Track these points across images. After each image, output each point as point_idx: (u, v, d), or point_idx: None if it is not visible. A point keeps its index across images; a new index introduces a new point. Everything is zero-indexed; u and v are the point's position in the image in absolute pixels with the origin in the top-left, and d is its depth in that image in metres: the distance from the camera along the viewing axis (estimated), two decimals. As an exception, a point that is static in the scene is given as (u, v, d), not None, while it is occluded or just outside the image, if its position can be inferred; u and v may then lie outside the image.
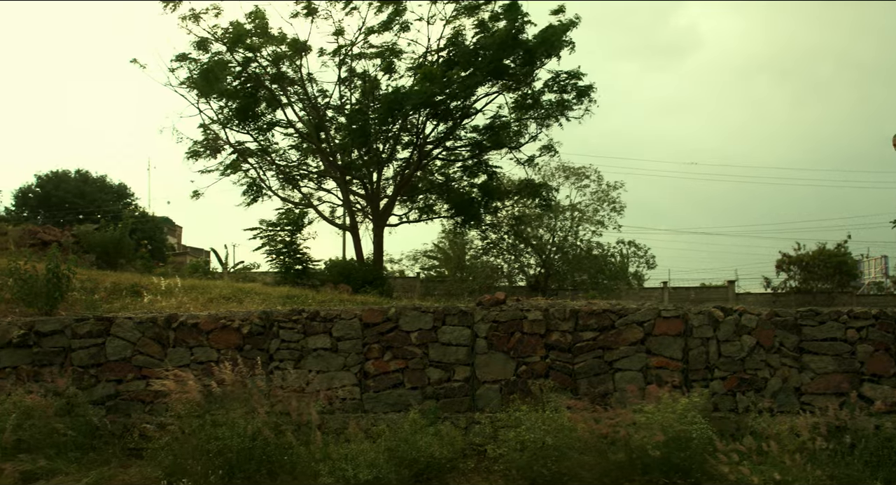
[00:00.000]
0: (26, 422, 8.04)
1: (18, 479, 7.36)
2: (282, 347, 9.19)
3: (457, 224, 27.80)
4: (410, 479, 7.39)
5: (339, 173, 25.06)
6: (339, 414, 8.78)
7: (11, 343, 9.37)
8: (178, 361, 9.09)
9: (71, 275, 11.06)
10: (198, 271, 19.93)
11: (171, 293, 12.51)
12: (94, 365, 9.32)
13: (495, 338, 8.95)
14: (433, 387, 8.92)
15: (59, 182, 36.46)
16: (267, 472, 7.25)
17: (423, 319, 9.07)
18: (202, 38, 24.31)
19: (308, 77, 25.04)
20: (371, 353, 9.08)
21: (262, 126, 25.56)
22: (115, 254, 17.53)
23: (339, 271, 21.44)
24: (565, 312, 8.93)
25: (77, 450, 8.22)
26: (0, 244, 16.54)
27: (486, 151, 25.64)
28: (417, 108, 23.01)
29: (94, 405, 8.97)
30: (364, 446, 7.63)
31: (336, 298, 14.50)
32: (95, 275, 13.82)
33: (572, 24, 23.43)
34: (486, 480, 7.47)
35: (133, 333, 9.35)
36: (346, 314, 9.23)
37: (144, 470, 7.73)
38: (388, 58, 24.44)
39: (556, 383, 8.56)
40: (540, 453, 7.12)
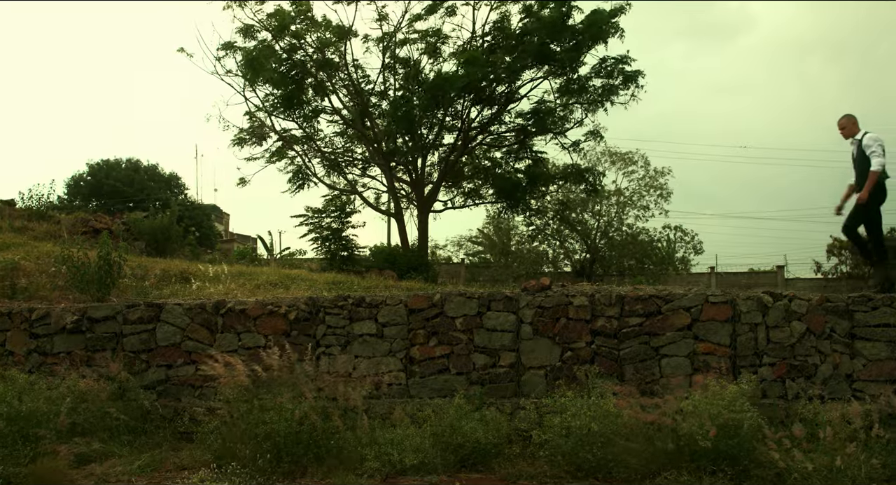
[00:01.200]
0: (80, 406, 8.20)
1: (73, 461, 7.52)
2: (328, 333, 9.26)
3: (502, 209, 27.74)
4: (456, 464, 7.41)
5: (383, 160, 25.12)
6: (385, 399, 8.83)
7: (65, 329, 9.57)
8: (227, 347, 9.21)
9: (122, 262, 11.26)
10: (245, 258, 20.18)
11: (218, 280, 12.68)
12: (145, 350, 9.48)
13: (540, 323, 8.92)
14: (478, 372, 8.93)
15: (109, 171, 37.06)
16: (314, 456, 7.32)
17: (468, 305, 9.07)
18: (247, 25, 24.49)
19: (353, 63, 25.10)
20: (416, 338, 9.11)
21: (307, 113, 25.71)
22: (164, 241, 17.81)
23: (384, 257, 21.56)
24: (611, 298, 8.87)
25: (129, 433, 8.37)
26: (53, 232, 16.89)
27: (530, 136, 25.53)
28: (462, 93, 22.96)
29: (146, 390, 9.12)
30: (410, 431, 7.66)
31: (381, 284, 14.58)
32: (145, 262, 14.05)
33: (621, 11, 23.09)
34: (531, 465, 7.46)
35: (182, 319, 9.49)
36: (392, 300, 9.26)
37: (195, 453, 7.85)
38: (433, 43, 24.38)
39: (602, 369, 8.50)
40: (586, 440, 7.09)
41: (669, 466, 6.86)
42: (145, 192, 35.19)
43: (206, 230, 26.78)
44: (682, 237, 37.11)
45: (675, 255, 36.44)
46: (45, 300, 10.73)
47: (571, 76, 24.12)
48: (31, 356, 9.57)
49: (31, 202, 20.83)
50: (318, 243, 21.76)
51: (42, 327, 9.64)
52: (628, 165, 34.49)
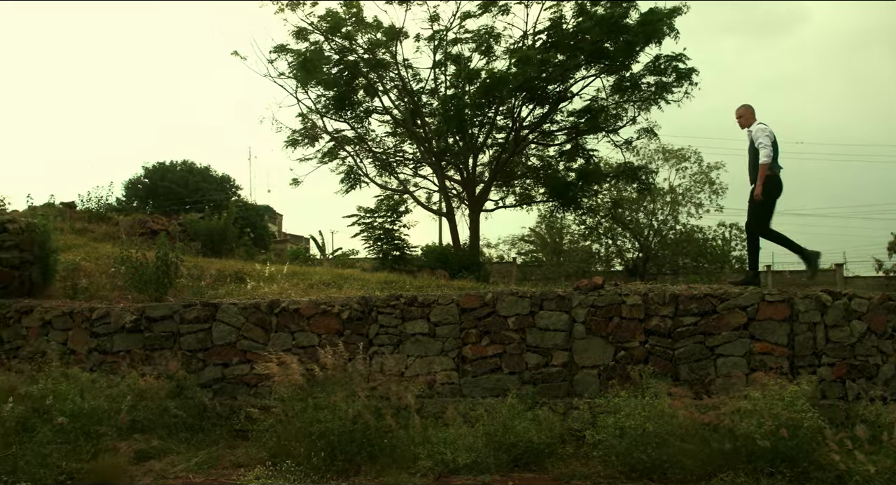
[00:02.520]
0: (140, 403, 8.35)
1: (133, 458, 7.65)
2: (380, 332, 9.30)
3: (554, 208, 27.61)
4: (509, 463, 7.39)
5: (434, 159, 25.18)
6: (438, 398, 8.85)
7: (125, 328, 9.76)
8: (281, 346, 9.30)
9: (179, 262, 11.43)
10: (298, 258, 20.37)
11: (273, 279, 12.81)
12: (202, 349, 9.62)
13: (593, 323, 8.86)
14: (531, 372, 8.90)
15: (164, 173, 37.71)
16: (367, 454, 7.36)
17: (520, 304, 9.04)
18: (299, 27, 24.72)
19: (404, 63, 25.20)
20: (468, 337, 9.11)
21: (358, 114, 25.89)
22: (219, 242, 18.04)
23: (435, 257, 21.59)
24: (665, 297, 8.77)
25: (187, 431, 8.50)
26: (112, 234, 17.21)
27: (582, 134, 25.37)
28: (514, 92, 22.89)
29: (202, 388, 9.25)
30: (462, 431, 7.66)
31: (433, 283, 14.59)
32: (201, 262, 14.24)
33: (678, 12, 22.81)
34: (585, 465, 7.41)
35: (237, 319, 9.61)
36: (444, 299, 9.27)
37: (250, 451, 7.94)
38: (486, 42, 24.35)
39: (656, 369, 8.41)
40: (640, 440, 7.02)
41: (726, 467, 6.76)
42: (199, 193, 35.73)
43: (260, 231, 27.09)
44: (737, 235, 36.57)
45: (730, 253, 35.93)
46: (105, 300, 10.93)
47: (624, 74, 23.92)
48: (92, 355, 9.77)
49: (90, 204, 21.32)
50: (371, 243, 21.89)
51: (102, 326, 9.84)
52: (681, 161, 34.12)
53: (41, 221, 11.68)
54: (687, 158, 34.26)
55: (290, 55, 24.94)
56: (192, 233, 18.09)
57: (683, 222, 34.10)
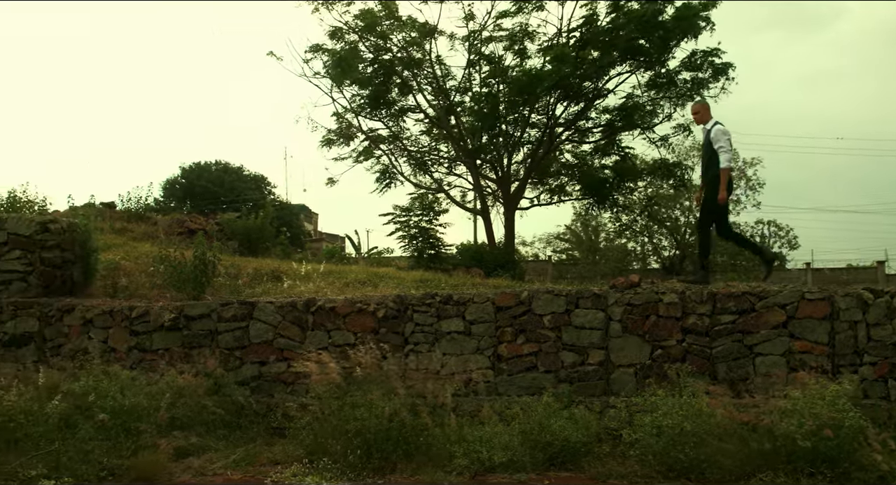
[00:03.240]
0: (179, 401, 8.44)
1: (172, 454, 7.74)
2: (416, 331, 9.33)
3: (589, 206, 27.48)
4: (544, 462, 7.37)
5: (469, 157, 25.17)
6: (473, 397, 8.85)
7: (163, 326, 9.88)
8: (317, 344, 9.35)
9: (216, 261, 11.53)
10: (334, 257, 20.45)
11: (309, 278, 12.88)
12: (239, 347, 9.71)
13: (630, 321, 8.80)
14: (567, 370, 8.87)
15: (200, 173, 38.08)
16: (403, 452, 7.38)
17: (555, 303, 9.01)
18: (335, 27, 24.84)
19: (437, 61, 25.22)
20: (504, 336, 9.10)
21: (393, 112, 25.96)
22: (256, 241, 18.18)
23: (470, 255, 21.59)
24: (702, 295, 8.69)
25: (225, 428, 8.58)
26: (151, 233, 17.40)
27: (618, 131, 25.22)
28: (549, 90, 22.81)
29: (240, 386, 9.34)
30: (498, 429, 7.65)
31: (468, 281, 14.59)
32: (238, 261, 14.36)
33: (712, 4, 22.59)
34: (621, 465, 7.36)
35: (274, 317, 9.68)
36: (479, 298, 9.27)
37: (287, 448, 8.00)
38: (520, 40, 24.29)
39: (694, 368, 8.33)
40: (677, 439, 6.96)
41: (765, 467, 6.68)
42: (235, 193, 36.03)
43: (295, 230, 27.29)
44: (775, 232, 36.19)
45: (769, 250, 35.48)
46: (145, 299, 11.07)
47: (660, 70, 23.75)
48: (131, 353, 9.90)
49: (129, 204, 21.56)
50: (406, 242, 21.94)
51: (142, 325, 9.97)
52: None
53: (82, 221, 11.84)
54: (723, 154, 33.93)
55: (326, 55, 25.08)
56: (229, 232, 18.24)
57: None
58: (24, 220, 11.06)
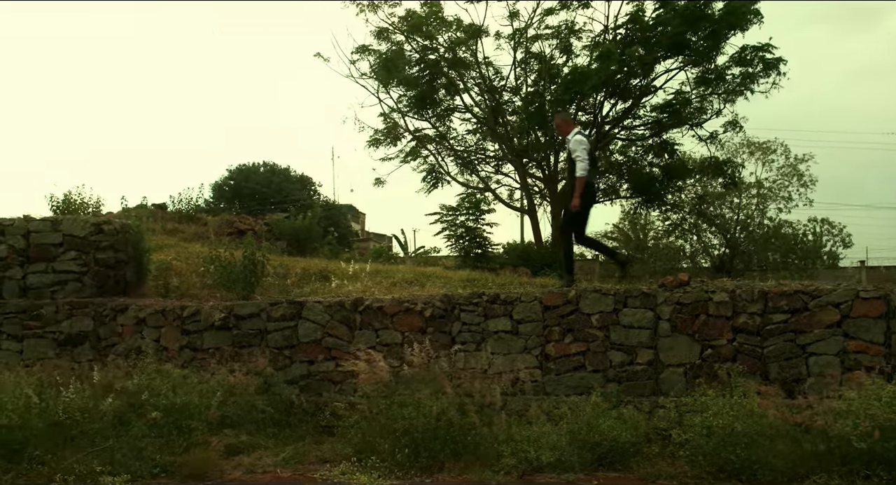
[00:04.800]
0: (229, 399, 8.55)
1: (223, 452, 7.85)
2: (463, 330, 9.33)
3: (637, 205, 27.25)
4: (593, 462, 7.32)
5: (516, 156, 25.12)
6: (521, 396, 8.82)
7: (214, 325, 10.00)
8: (365, 344, 9.40)
9: (265, 261, 11.63)
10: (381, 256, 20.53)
11: (356, 278, 12.94)
12: (288, 346, 9.79)
13: (679, 320, 8.71)
14: (615, 370, 8.80)
15: (248, 174, 38.52)
16: (451, 451, 7.39)
17: (603, 302, 8.95)
18: (380, 28, 24.95)
19: (484, 61, 25.21)
20: (551, 335, 9.06)
21: (440, 112, 26.00)
22: (304, 241, 18.31)
23: (517, 254, 21.50)
24: (753, 294, 8.56)
25: (274, 426, 8.66)
26: (201, 234, 17.63)
27: (666, 129, 24.95)
28: (596, 87, 22.65)
29: (289, 384, 9.43)
30: (546, 429, 7.62)
31: (515, 281, 14.53)
32: (287, 261, 14.48)
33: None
34: (671, 465, 7.29)
35: (322, 317, 9.75)
36: (526, 297, 9.24)
37: (336, 447, 8.05)
38: (566, 38, 24.17)
39: (745, 368, 8.21)
40: (728, 440, 6.87)
41: (818, 469, 6.57)
42: (282, 193, 36.36)
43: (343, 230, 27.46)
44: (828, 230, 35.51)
45: (821, 248, 34.87)
46: (195, 298, 11.21)
47: (708, 66, 23.44)
48: (183, 352, 10.05)
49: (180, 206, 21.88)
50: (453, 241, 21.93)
51: (193, 324, 10.11)
52: (767, 154, 33.26)
53: (135, 222, 12.05)
54: (773, 151, 33.38)
55: (372, 55, 25.22)
56: (277, 232, 18.40)
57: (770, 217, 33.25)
58: (78, 221, 11.28)
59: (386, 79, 25.19)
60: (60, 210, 14.88)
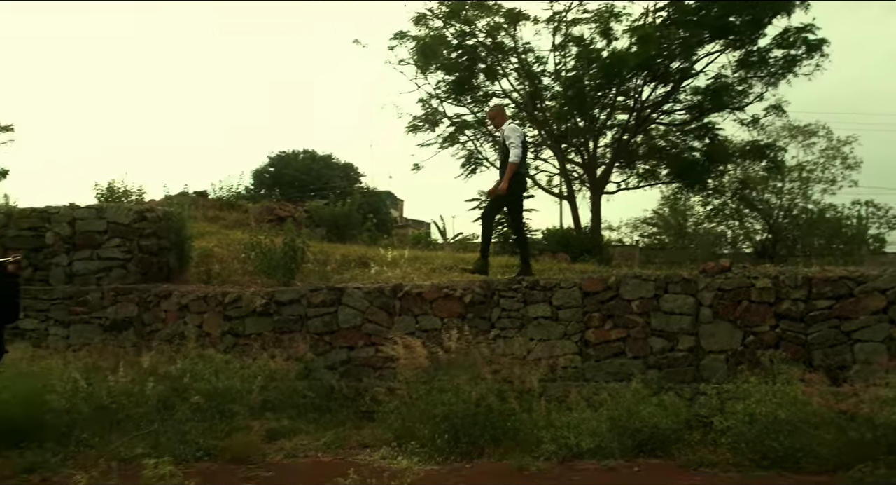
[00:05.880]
0: (270, 384, 8.65)
1: (265, 436, 7.94)
2: (502, 316, 9.32)
3: (677, 190, 26.98)
4: (633, 449, 7.28)
5: (555, 142, 24.98)
6: (560, 382, 8.80)
7: (255, 312, 10.10)
8: (404, 329, 9.42)
9: (305, 248, 11.71)
10: (419, 242, 20.58)
11: (395, 264, 12.98)
12: (328, 332, 9.86)
13: (721, 306, 8.61)
14: (655, 356, 8.74)
15: (288, 161, 38.80)
16: (490, 437, 7.40)
17: (644, 288, 8.89)
18: (419, 13, 24.91)
19: (523, 46, 25.07)
20: (591, 321, 9.02)
21: (478, 98, 25.90)
22: (343, 227, 18.40)
23: (556, 240, 21.45)
24: (797, 280, 8.44)
25: (315, 411, 8.74)
26: (242, 221, 17.79)
27: (707, 113, 24.63)
28: (636, 71, 22.42)
29: (329, 370, 9.50)
30: (586, 415, 7.59)
31: (555, 266, 14.48)
32: (326, 247, 14.56)
33: None
34: (712, 452, 7.22)
35: (362, 303, 9.80)
36: (566, 283, 9.20)
37: (376, 432, 8.10)
38: (605, 21, 23.93)
39: (788, 355, 8.10)
40: (771, 427, 6.78)
41: (864, 457, 6.46)
42: (322, 180, 36.57)
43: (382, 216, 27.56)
44: (874, 213, 34.83)
45: (867, 232, 34.24)
46: (237, 285, 11.32)
47: (750, 48, 23.07)
48: (225, 337, 10.17)
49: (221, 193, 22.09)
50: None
51: (234, 310, 10.22)
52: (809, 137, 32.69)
53: (177, 210, 12.20)
54: (815, 134, 32.78)
55: (410, 41, 25.19)
56: (317, 219, 18.51)
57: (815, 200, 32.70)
58: (122, 209, 11.45)
59: (424, 65, 25.16)
60: (105, 198, 15.13)
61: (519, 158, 9.70)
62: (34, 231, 11.37)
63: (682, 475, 6.77)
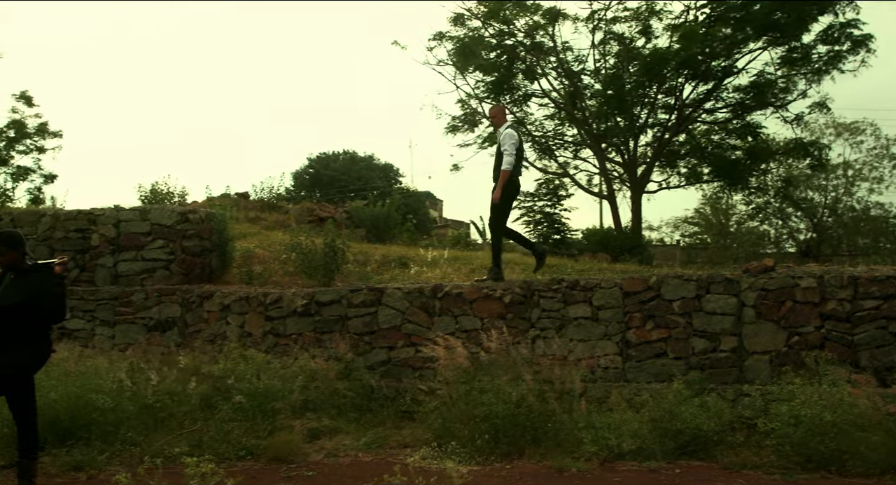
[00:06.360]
0: (311, 384, 8.70)
1: (305, 435, 7.99)
2: (542, 316, 9.28)
3: (719, 188, 26.69)
4: (675, 450, 7.21)
5: (595, 141, 24.86)
6: (601, 383, 8.74)
7: (296, 312, 10.16)
8: (444, 330, 9.42)
9: (345, 248, 11.77)
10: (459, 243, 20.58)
11: (435, 264, 13.00)
12: (368, 332, 9.89)
13: (764, 307, 8.50)
14: (697, 357, 8.65)
15: (328, 162, 39.05)
16: (531, 438, 7.37)
17: (685, 288, 8.80)
18: (457, 14, 24.93)
19: (562, 45, 24.98)
20: (632, 322, 8.95)
21: (517, 98, 25.87)
22: (383, 228, 18.46)
23: (597, 240, 21.37)
24: (842, 279, 8.29)
25: (355, 411, 8.77)
26: (282, 222, 17.93)
27: (749, 110, 24.33)
28: (678, 69, 22.21)
29: (369, 370, 9.51)
30: (627, 416, 7.54)
31: (595, 266, 14.43)
32: (366, 248, 14.63)
33: None
34: (756, 454, 7.14)
35: (402, 303, 9.81)
36: (606, 283, 9.14)
37: (416, 432, 8.11)
38: (645, 19, 23.76)
39: (833, 356, 7.96)
40: (817, 429, 6.68)
41: (914, 460, 6.35)
42: (362, 181, 36.74)
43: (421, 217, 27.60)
44: (921, 211, 34.08)
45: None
46: (278, 285, 11.41)
47: (794, 45, 22.73)
48: (266, 337, 10.24)
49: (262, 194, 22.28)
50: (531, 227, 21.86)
51: (275, 310, 10.29)
52: (855, 134, 32.14)
53: (219, 211, 12.33)
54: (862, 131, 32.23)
55: (449, 42, 25.22)
56: (357, 220, 18.59)
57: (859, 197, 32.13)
58: (166, 210, 11.59)
59: (463, 65, 25.18)
60: (148, 200, 15.32)
61: (511, 166, 9.74)
62: (80, 233, 11.57)
63: (725, 477, 6.70)
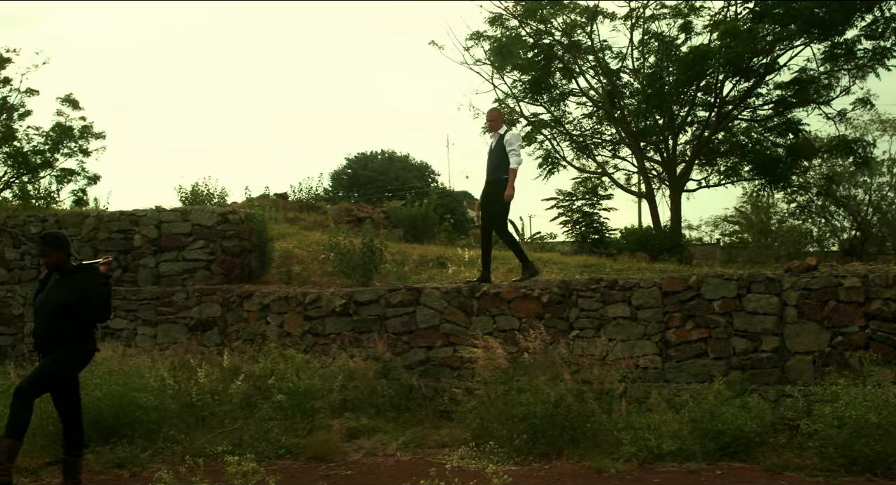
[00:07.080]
0: (349, 383, 8.75)
1: (344, 434, 8.03)
2: (581, 316, 9.24)
3: (760, 186, 26.32)
4: (715, 452, 7.13)
5: (633, 140, 24.67)
6: (640, 383, 8.68)
7: (334, 312, 10.22)
8: (482, 329, 9.41)
9: (383, 248, 11.83)
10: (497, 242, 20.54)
11: (473, 264, 13.00)
12: (406, 332, 9.91)
13: (806, 306, 8.38)
14: (738, 357, 8.55)
15: (365, 163, 39.27)
16: (569, 438, 7.34)
17: (726, 287, 8.70)
18: (495, 13, 24.89)
19: (600, 43, 24.83)
20: (672, 321, 8.87)
21: (555, 97, 25.75)
22: (421, 228, 18.50)
23: (635, 239, 21.22)
24: (888, 278, 8.15)
25: (393, 410, 8.79)
26: (321, 222, 18.05)
27: (791, 107, 23.96)
28: (718, 66, 21.94)
29: (407, 369, 9.54)
30: (667, 417, 7.48)
31: (633, 266, 14.33)
32: (404, 248, 14.67)
33: None
34: (798, 456, 7.05)
35: (440, 303, 9.83)
36: (645, 283, 9.08)
37: (454, 431, 8.11)
38: (684, 16, 23.52)
39: (878, 356, 7.82)
40: (861, 431, 6.57)
41: (961, 463, 6.22)
42: (399, 181, 36.85)
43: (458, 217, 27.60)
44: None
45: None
46: (316, 285, 11.48)
47: (837, 40, 22.34)
48: (305, 337, 10.32)
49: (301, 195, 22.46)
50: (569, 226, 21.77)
51: (314, 310, 10.35)
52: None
53: (258, 212, 12.44)
54: (908, 127, 31.58)
55: (486, 41, 25.18)
56: (394, 220, 18.64)
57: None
58: (206, 211, 11.73)
59: (500, 64, 25.12)
60: (188, 201, 15.50)
61: (519, 165, 9.82)
62: (123, 234, 11.75)
63: (767, 479, 6.62)
